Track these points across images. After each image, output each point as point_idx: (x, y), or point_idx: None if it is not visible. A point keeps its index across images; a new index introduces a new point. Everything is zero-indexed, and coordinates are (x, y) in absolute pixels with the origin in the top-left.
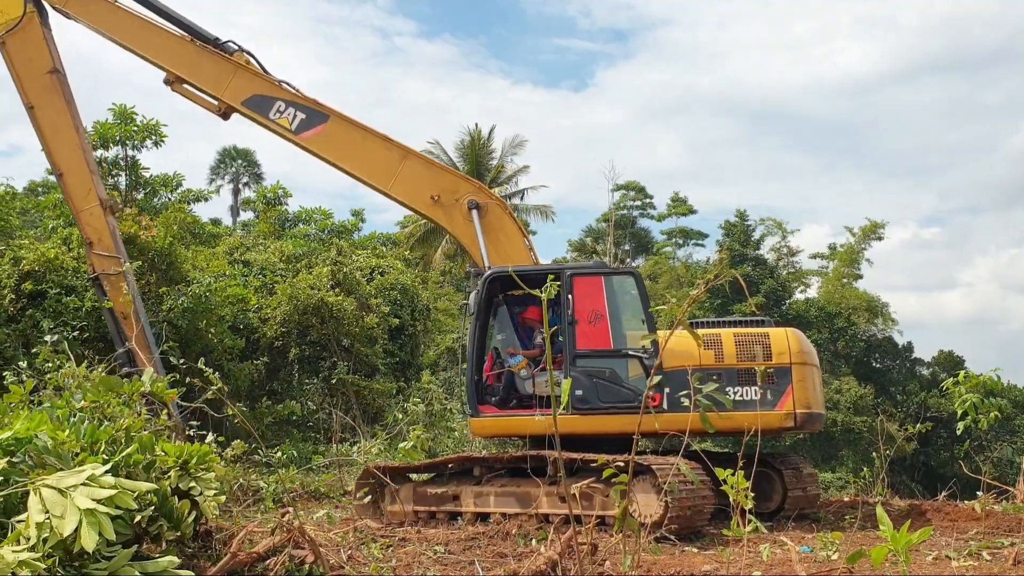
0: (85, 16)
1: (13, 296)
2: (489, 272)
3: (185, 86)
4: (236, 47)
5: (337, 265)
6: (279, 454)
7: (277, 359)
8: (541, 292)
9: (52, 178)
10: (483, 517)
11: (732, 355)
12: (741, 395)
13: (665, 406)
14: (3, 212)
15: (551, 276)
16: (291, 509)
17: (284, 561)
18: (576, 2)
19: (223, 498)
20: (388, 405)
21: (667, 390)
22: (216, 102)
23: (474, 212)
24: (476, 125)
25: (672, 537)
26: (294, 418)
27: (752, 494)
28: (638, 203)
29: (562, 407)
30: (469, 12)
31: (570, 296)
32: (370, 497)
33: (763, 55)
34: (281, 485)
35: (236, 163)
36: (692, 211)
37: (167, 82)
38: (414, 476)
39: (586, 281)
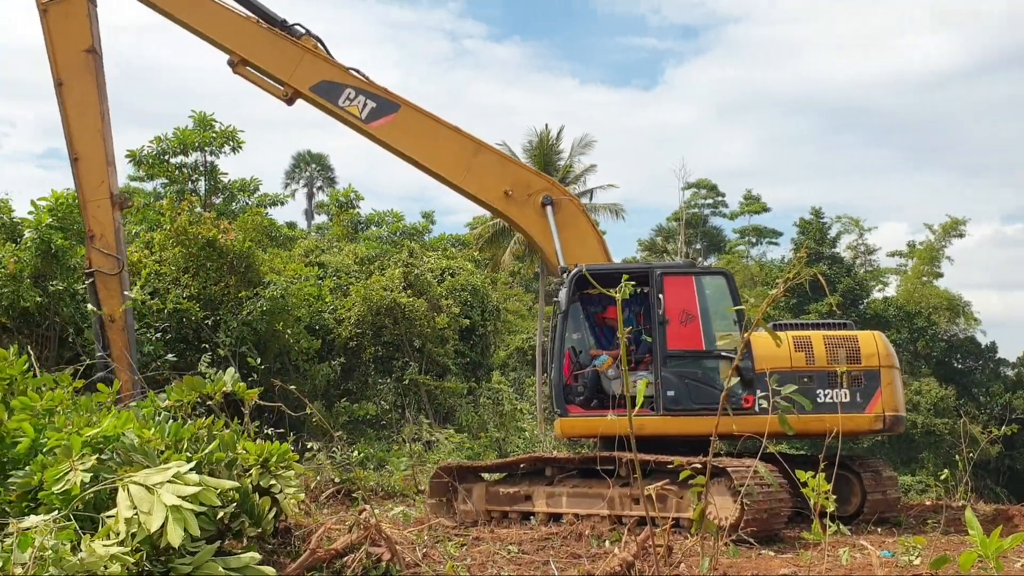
0: None
1: None
2: (576, 269)
3: (249, 69)
4: (304, 31)
5: (409, 267)
6: (355, 453)
7: (352, 359)
8: (615, 292)
9: (135, 184)
10: (555, 517)
11: (822, 357)
12: (831, 397)
13: (757, 408)
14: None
15: (625, 276)
16: (368, 507)
17: (361, 558)
18: (646, 0)
19: (302, 495)
20: (459, 405)
21: (759, 392)
22: (282, 87)
23: (548, 208)
24: (545, 126)
25: (751, 540)
26: (368, 417)
27: (833, 496)
28: (710, 201)
29: (639, 407)
30: (538, 14)
31: (661, 295)
32: (443, 496)
33: (838, 50)
34: (359, 483)
35: (310, 167)
36: (765, 209)
37: (231, 64)
38: (486, 476)
39: (677, 280)
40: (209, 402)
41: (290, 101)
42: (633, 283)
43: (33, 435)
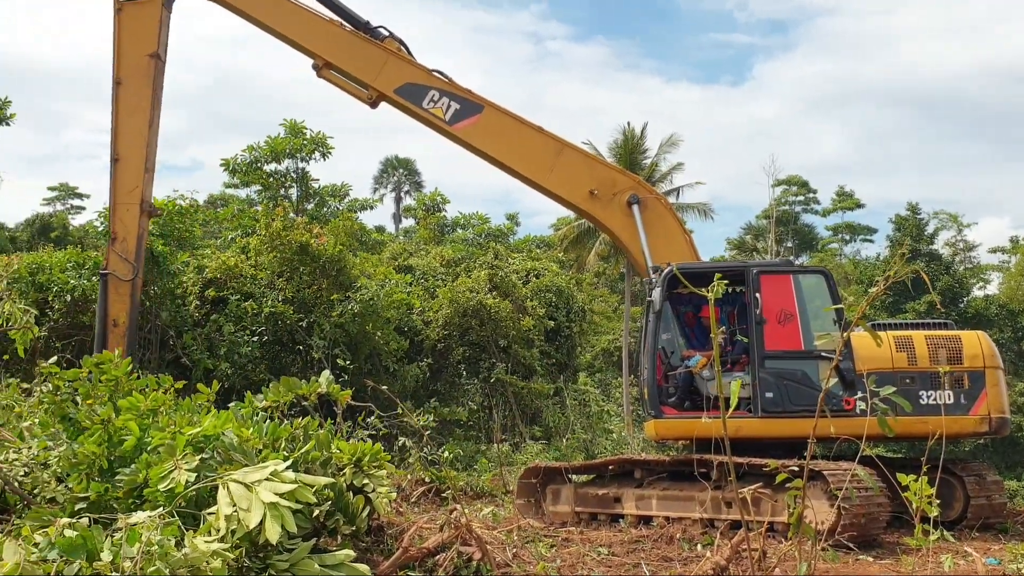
0: None
1: (198, 302)
2: (669, 268)
3: (333, 72)
4: (387, 33)
5: (494, 268)
6: (445, 453)
7: (439, 360)
8: (708, 291)
9: (229, 191)
10: (645, 520)
11: (924, 358)
12: (933, 399)
13: (856, 410)
14: (187, 224)
15: (719, 275)
16: (458, 507)
17: (453, 557)
18: None
19: (395, 495)
20: (546, 406)
21: (859, 393)
22: (366, 90)
23: (634, 207)
24: (628, 124)
25: (852, 545)
26: (458, 419)
27: (937, 501)
28: (801, 198)
29: (734, 407)
30: (623, 13)
31: (757, 295)
32: (531, 497)
33: (934, 40)
34: (449, 483)
35: (398, 172)
36: (859, 205)
37: (315, 68)
38: (574, 477)
39: (775, 279)
40: (304, 403)
41: (374, 104)
42: (727, 282)
43: (138, 434)
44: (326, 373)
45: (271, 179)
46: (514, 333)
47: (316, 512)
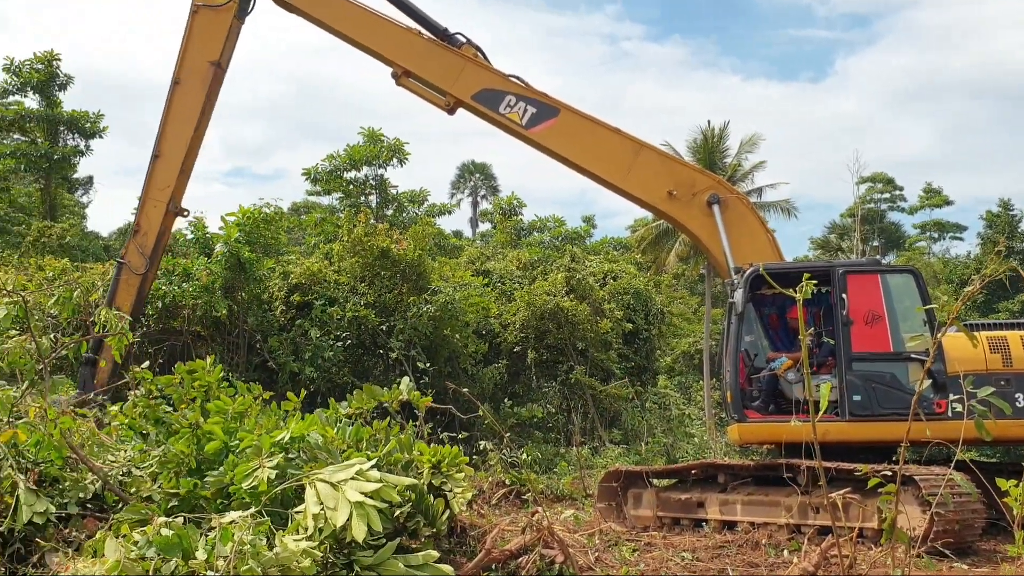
0: (309, 7)
1: (284, 307)
2: (752, 268)
3: (412, 80)
4: (464, 39)
5: (571, 271)
6: (524, 455)
7: (517, 363)
8: (795, 292)
9: (312, 198)
10: (729, 525)
11: (1020, 359)
12: (1021, 401)
13: (950, 413)
14: (272, 231)
15: (806, 275)
16: (540, 509)
17: (535, 560)
18: None
19: (470, 494)
20: (624, 409)
21: (952, 396)
22: (443, 97)
23: (715, 207)
24: (708, 123)
25: (946, 552)
26: (535, 420)
27: None
28: (886, 196)
29: (823, 411)
30: (698, 11)
31: (844, 295)
32: (612, 501)
33: None
34: (529, 485)
35: (474, 177)
36: (948, 202)
37: (394, 76)
38: (656, 481)
39: (862, 279)
40: (386, 407)
41: (451, 110)
42: (815, 283)
43: (224, 437)
44: (406, 380)
45: (351, 186)
46: (592, 336)
47: (397, 513)
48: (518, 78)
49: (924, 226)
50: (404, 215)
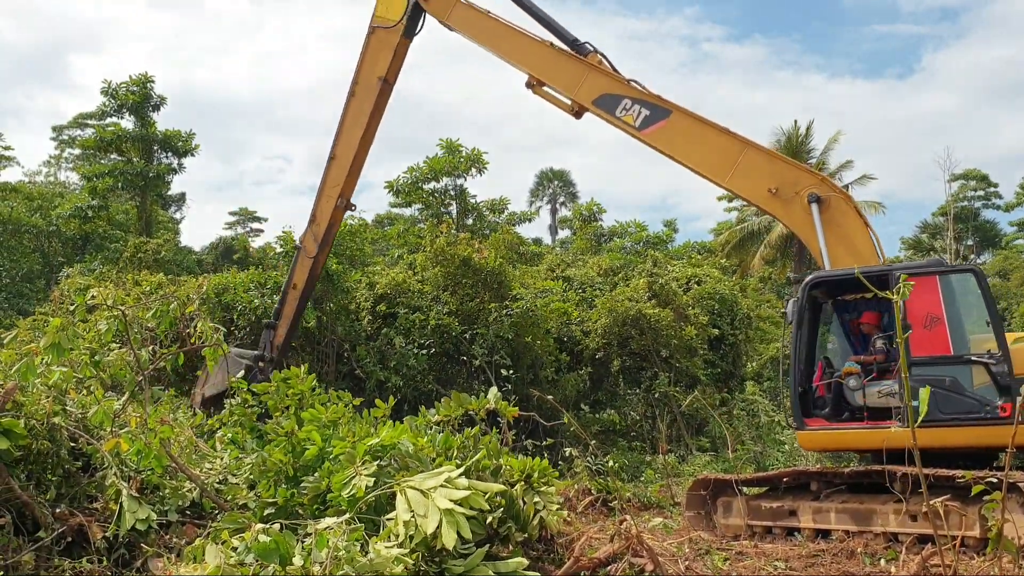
0: (461, 26)
1: (370, 317)
2: (810, 277)
3: (544, 88)
4: (591, 48)
5: (653, 276)
6: (610, 463)
7: (600, 370)
8: (892, 294)
9: (395, 210)
10: (823, 534)
11: None
12: None
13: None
14: (358, 242)
15: (903, 277)
16: (628, 517)
17: (624, 568)
18: None
19: (565, 512)
20: (711, 416)
21: (1020, 399)
22: (570, 102)
23: (814, 206)
24: (795, 123)
25: None
26: (618, 427)
27: None
28: (980, 193)
29: (920, 418)
30: (779, 9)
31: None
32: (701, 509)
33: None
34: (616, 493)
35: (553, 184)
36: None
37: (528, 85)
38: (746, 489)
39: (919, 281)
40: (473, 415)
41: (577, 115)
42: (911, 284)
43: (320, 444)
44: (493, 389)
45: (431, 197)
46: (676, 342)
47: (489, 519)
48: (637, 82)
49: (1021, 223)
50: (484, 224)
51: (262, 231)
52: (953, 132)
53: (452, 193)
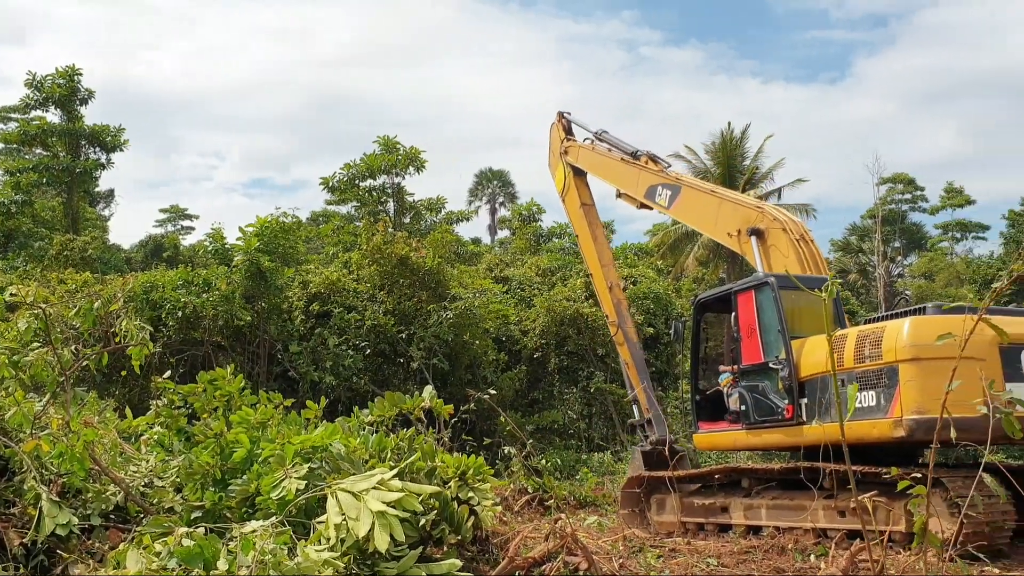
0: (580, 163)
1: (303, 316)
2: (696, 298)
3: (625, 194)
4: (643, 153)
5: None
6: (543, 461)
7: (537, 369)
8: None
9: (330, 207)
10: (754, 530)
11: (850, 357)
12: (861, 401)
13: (804, 417)
14: (291, 241)
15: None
16: (563, 516)
17: (559, 567)
18: None
19: (499, 508)
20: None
21: (804, 401)
22: (635, 199)
23: (753, 238)
24: (729, 125)
25: (980, 555)
26: (556, 426)
27: None
28: (907, 196)
29: (849, 415)
30: (715, 15)
31: (735, 313)
32: (635, 507)
33: None
34: (551, 492)
35: (492, 184)
36: (970, 202)
37: (617, 195)
38: (680, 487)
39: (743, 297)
40: (408, 415)
41: (640, 206)
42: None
43: (249, 446)
44: (429, 388)
45: (368, 195)
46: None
47: (422, 521)
48: (663, 161)
49: (946, 226)
50: (422, 223)
51: (193, 229)
52: (882, 137)
53: (389, 191)
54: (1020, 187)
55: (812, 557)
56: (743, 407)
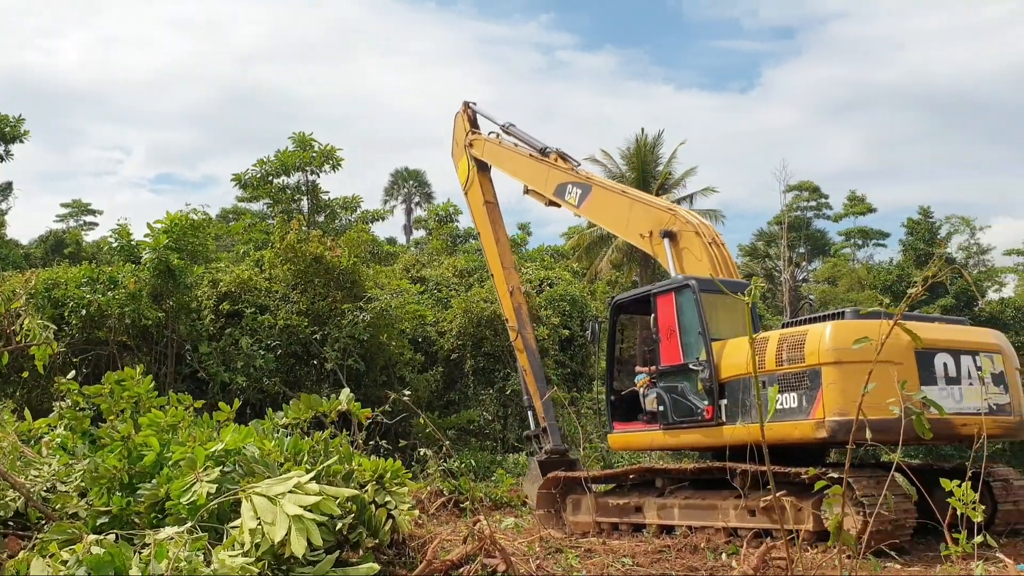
0: (486, 157)
1: (213, 316)
2: (611, 300)
3: (533, 191)
4: (552, 150)
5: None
6: (457, 463)
7: (454, 371)
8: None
9: (242, 204)
10: (668, 529)
11: (772, 359)
12: (782, 403)
13: (724, 418)
14: (200, 238)
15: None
16: (480, 518)
17: (477, 569)
18: (740, 3)
19: (416, 512)
20: (561, 415)
21: (724, 402)
22: (544, 196)
23: (666, 240)
24: (642, 131)
25: (891, 552)
26: (472, 427)
27: (982, 507)
28: (812, 204)
29: (770, 415)
30: (629, 21)
31: (654, 315)
32: (551, 508)
33: (949, 43)
34: (468, 494)
35: (408, 184)
36: (871, 210)
37: (525, 191)
38: (595, 487)
39: (663, 299)
40: (324, 418)
41: (548, 204)
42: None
43: (158, 449)
44: (346, 391)
45: (281, 192)
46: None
47: (339, 525)
48: (572, 159)
49: (848, 233)
50: (337, 222)
51: (97, 224)
52: (789, 145)
53: (303, 189)
54: (918, 196)
55: (724, 556)
56: (661, 407)
